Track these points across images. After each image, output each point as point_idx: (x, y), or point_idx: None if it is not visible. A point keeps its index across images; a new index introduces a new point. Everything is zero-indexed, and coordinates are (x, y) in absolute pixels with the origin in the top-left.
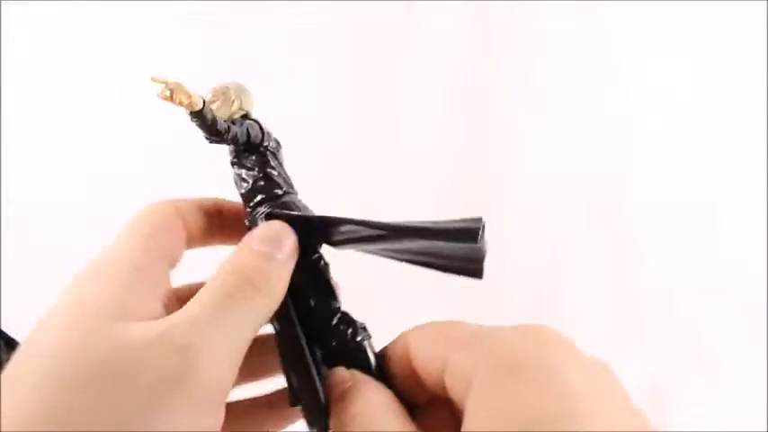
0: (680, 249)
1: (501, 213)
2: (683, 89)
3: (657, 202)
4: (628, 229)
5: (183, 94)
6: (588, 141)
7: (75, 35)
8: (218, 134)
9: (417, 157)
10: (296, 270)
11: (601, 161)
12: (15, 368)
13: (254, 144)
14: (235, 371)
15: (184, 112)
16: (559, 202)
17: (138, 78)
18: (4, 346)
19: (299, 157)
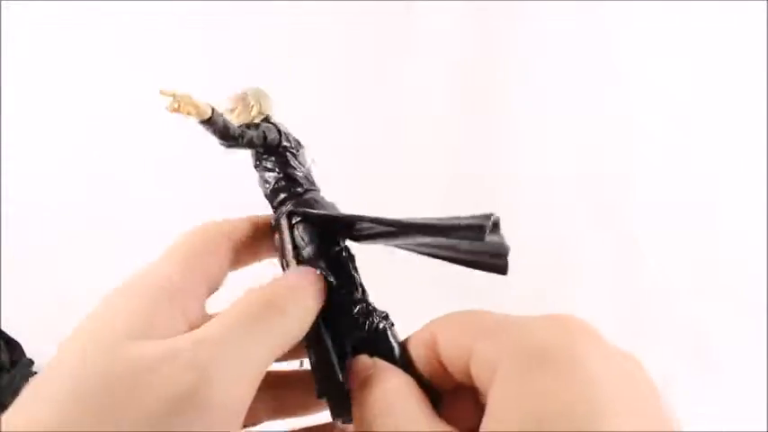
0: (680, 249)
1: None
2: (683, 89)
3: (658, 203)
4: (628, 230)
5: (191, 105)
6: (588, 141)
7: (75, 35)
8: (231, 139)
9: (417, 157)
10: (317, 262)
11: (601, 161)
12: (39, 383)
13: (271, 146)
14: (251, 391)
15: (195, 121)
16: (560, 202)
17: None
18: (4, 346)
19: None
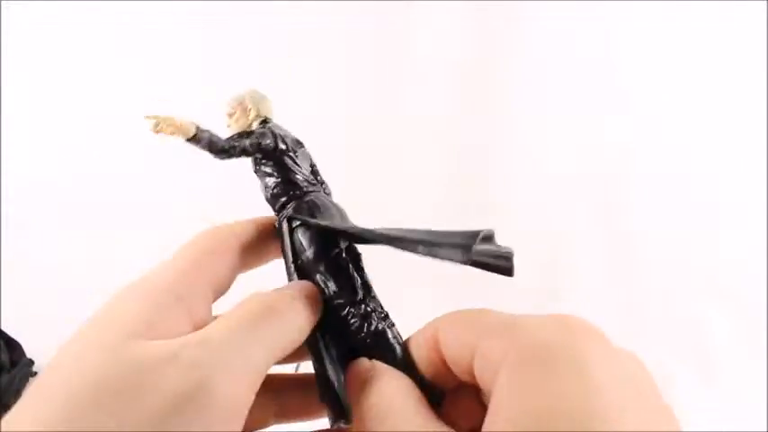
0: (680, 249)
1: (500, 213)
2: (682, 89)
3: (657, 203)
4: (628, 230)
5: (172, 126)
6: (587, 141)
7: (75, 35)
8: (223, 152)
9: (417, 157)
10: (316, 265)
11: (600, 161)
12: (41, 383)
13: (267, 151)
14: (252, 392)
15: (181, 140)
16: (559, 202)
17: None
18: (4, 346)
19: None
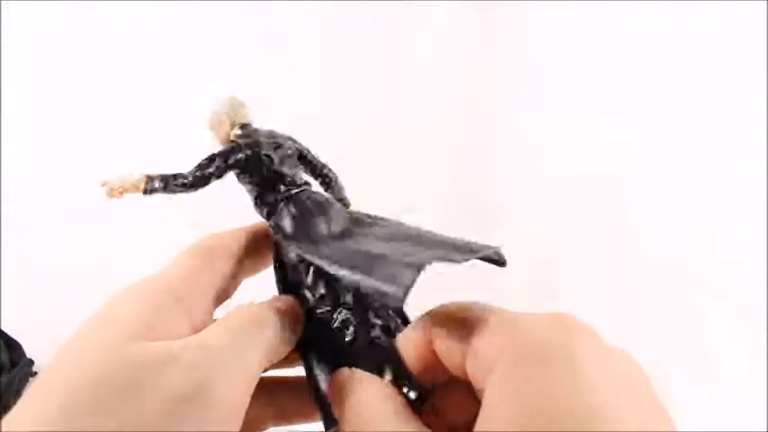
0: (678, 249)
1: (500, 212)
2: (682, 89)
3: (656, 202)
4: (627, 229)
5: (119, 188)
6: (587, 141)
7: (76, 35)
8: (192, 187)
9: (417, 156)
10: (300, 273)
11: (600, 161)
12: (41, 383)
13: (240, 164)
14: (248, 394)
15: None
16: (558, 201)
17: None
18: (4, 346)
19: None
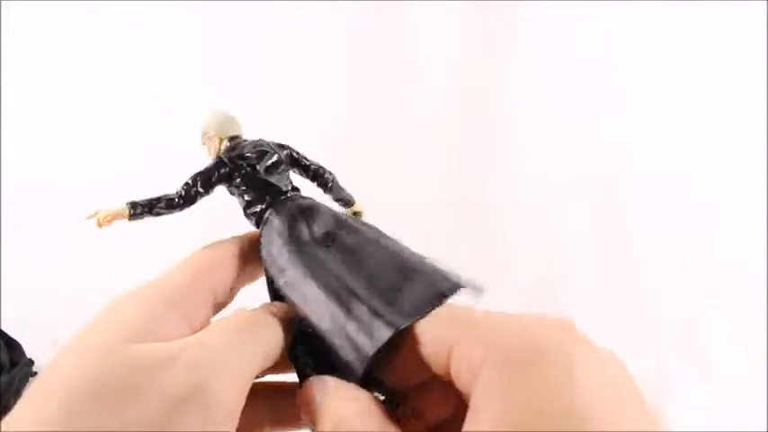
0: (678, 249)
1: (500, 212)
2: (682, 90)
3: (656, 202)
4: (626, 230)
5: (105, 217)
6: (587, 141)
7: (76, 35)
8: (179, 207)
9: (416, 156)
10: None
11: (600, 161)
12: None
13: (225, 179)
14: (243, 396)
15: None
16: (559, 202)
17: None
18: (4, 346)
19: None
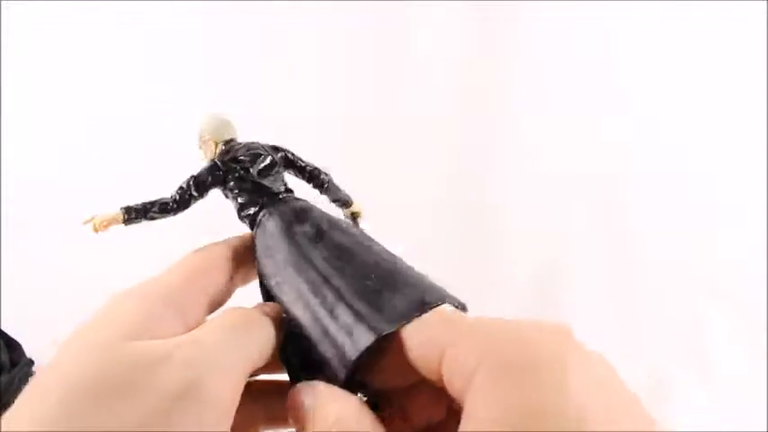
0: (678, 250)
1: (500, 213)
2: (682, 90)
3: (656, 203)
4: (626, 230)
5: (101, 222)
6: (587, 141)
7: (76, 35)
8: (175, 210)
9: (416, 156)
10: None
11: (600, 161)
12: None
13: (218, 183)
14: (238, 393)
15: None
16: (558, 202)
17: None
18: (4, 346)
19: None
